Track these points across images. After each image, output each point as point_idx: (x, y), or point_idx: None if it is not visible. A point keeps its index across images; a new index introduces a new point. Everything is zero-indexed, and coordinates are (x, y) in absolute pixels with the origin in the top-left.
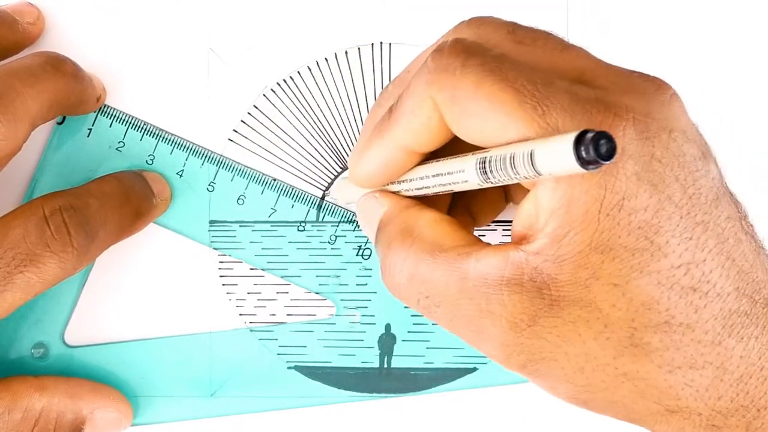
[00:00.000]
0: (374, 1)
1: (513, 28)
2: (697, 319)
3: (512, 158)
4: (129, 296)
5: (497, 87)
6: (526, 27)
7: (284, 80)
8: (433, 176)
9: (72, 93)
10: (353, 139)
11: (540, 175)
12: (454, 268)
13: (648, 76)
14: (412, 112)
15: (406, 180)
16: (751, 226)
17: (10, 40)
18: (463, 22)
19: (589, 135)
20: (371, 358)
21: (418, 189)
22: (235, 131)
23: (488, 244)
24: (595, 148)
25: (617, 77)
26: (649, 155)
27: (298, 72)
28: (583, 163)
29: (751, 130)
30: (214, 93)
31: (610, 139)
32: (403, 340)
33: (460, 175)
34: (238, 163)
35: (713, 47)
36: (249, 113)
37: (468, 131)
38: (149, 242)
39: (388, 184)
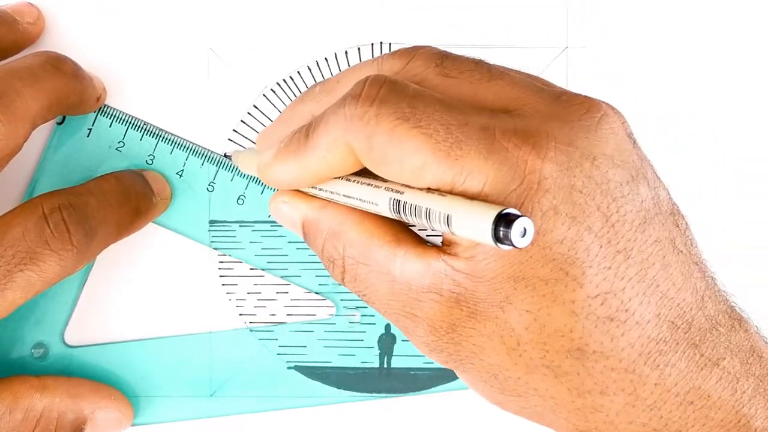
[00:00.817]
0: (374, 1)
1: (441, 60)
2: (612, 348)
3: (428, 212)
4: (129, 296)
5: (410, 134)
6: (455, 57)
7: (284, 80)
8: (344, 196)
9: (72, 92)
10: None
11: (454, 235)
12: (384, 271)
13: (577, 98)
14: (328, 149)
15: (320, 188)
16: (690, 242)
17: (10, 40)
18: (395, 52)
19: (512, 216)
20: (371, 358)
21: (329, 198)
22: (235, 131)
23: (414, 240)
24: (512, 231)
25: (542, 104)
26: (569, 186)
27: (298, 72)
28: (499, 242)
29: (751, 130)
30: (214, 93)
31: (529, 225)
32: (403, 340)
33: (372, 206)
34: None
35: (713, 47)
36: (249, 113)
37: (387, 175)
38: (149, 242)
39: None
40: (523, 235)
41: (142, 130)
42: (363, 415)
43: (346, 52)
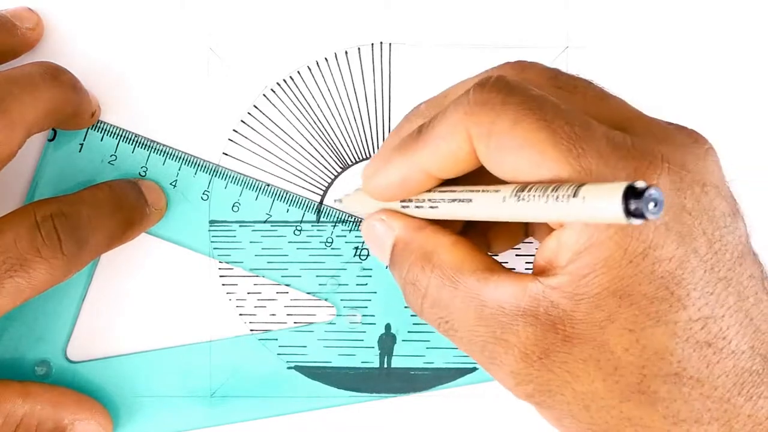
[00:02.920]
0: (375, 1)
1: (555, 74)
2: (709, 374)
3: (556, 188)
4: (129, 308)
5: (534, 126)
6: (568, 74)
7: (284, 80)
8: (460, 191)
9: (69, 103)
10: (353, 139)
11: (579, 206)
12: (473, 296)
13: (685, 128)
14: (444, 138)
15: (422, 199)
16: None
17: (8, 45)
18: (508, 63)
19: (640, 188)
20: (371, 358)
21: (433, 204)
22: (235, 131)
23: (507, 270)
24: (644, 202)
25: (654, 127)
26: (680, 206)
27: (298, 72)
28: (630, 215)
29: (751, 130)
30: (214, 93)
31: (659, 195)
32: (403, 340)
33: (491, 194)
34: (232, 170)
35: (714, 47)
36: (249, 113)
37: (500, 166)
38: (147, 253)
39: (400, 201)
40: (655, 206)
41: (134, 143)
42: (363, 415)
43: (346, 52)
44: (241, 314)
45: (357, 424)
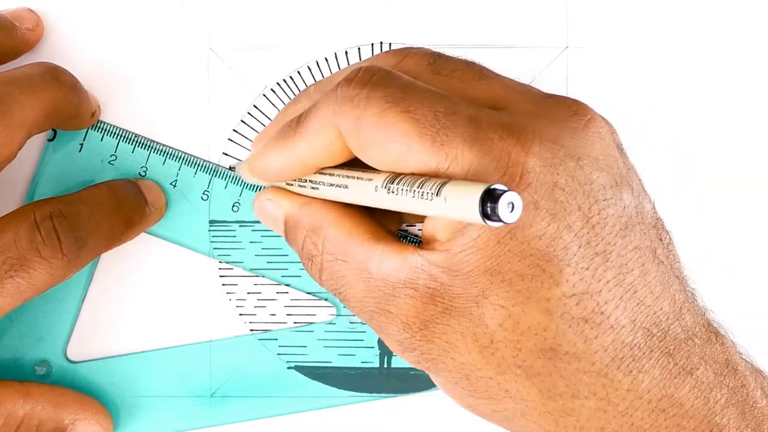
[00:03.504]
0: (375, 1)
1: (434, 59)
2: (585, 350)
3: (422, 183)
4: (129, 308)
5: (397, 118)
6: (447, 57)
7: (284, 80)
8: (330, 185)
9: (69, 104)
10: None
11: (442, 205)
12: (362, 268)
13: (565, 100)
14: (316, 134)
15: (304, 180)
16: (673, 256)
17: (8, 46)
18: (388, 51)
19: (498, 191)
20: (371, 358)
21: (314, 186)
22: (235, 131)
23: (393, 240)
24: (500, 207)
25: (530, 103)
26: (551, 183)
27: (298, 72)
28: (486, 217)
29: (751, 130)
30: (214, 93)
31: (516, 200)
32: None
33: (365, 182)
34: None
35: (714, 47)
36: (249, 113)
37: (372, 159)
38: (147, 253)
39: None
40: (511, 211)
41: (134, 143)
42: (363, 415)
43: (346, 52)
44: (241, 314)
45: (357, 424)
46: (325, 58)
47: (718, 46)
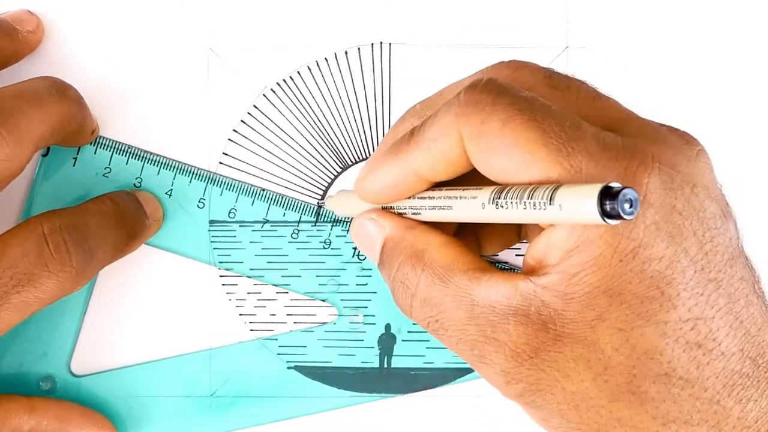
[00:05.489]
0: (375, 1)
1: (549, 73)
2: (698, 376)
3: (532, 192)
4: (130, 320)
5: (524, 126)
6: (562, 74)
7: (284, 80)
8: (439, 198)
9: (74, 119)
10: (353, 139)
11: (556, 207)
12: (464, 294)
13: (677, 130)
14: (435, 140)
15: (403, 207)
16: (762, 290)
17: (9, 49)
18: (502, 62)
19: (615, 189)
20: (371, 358)
21: (415, 211)
22: (235, 131)
23: (499, 270)
24: (619, 203)
25: (646, 128)
26: (670, 206)
27: (298, 72)
28: (606, 215)
29: (751, 129)
30: (214, 93)
31: (634, 196)
32: (403, 340)
33: (469, 201)
34: (227, 177)
35: (714, 47)
36: (249, 113)
37: (490, 167)
38: (147, 264)
39: (390, 204)
40: (630, 207)
41: (127, 154)
42: (363, 415)
43: (346, 52)
44: (241, 314)
45: (357, 424)
46: (325, 58)
47: (718, 46)
